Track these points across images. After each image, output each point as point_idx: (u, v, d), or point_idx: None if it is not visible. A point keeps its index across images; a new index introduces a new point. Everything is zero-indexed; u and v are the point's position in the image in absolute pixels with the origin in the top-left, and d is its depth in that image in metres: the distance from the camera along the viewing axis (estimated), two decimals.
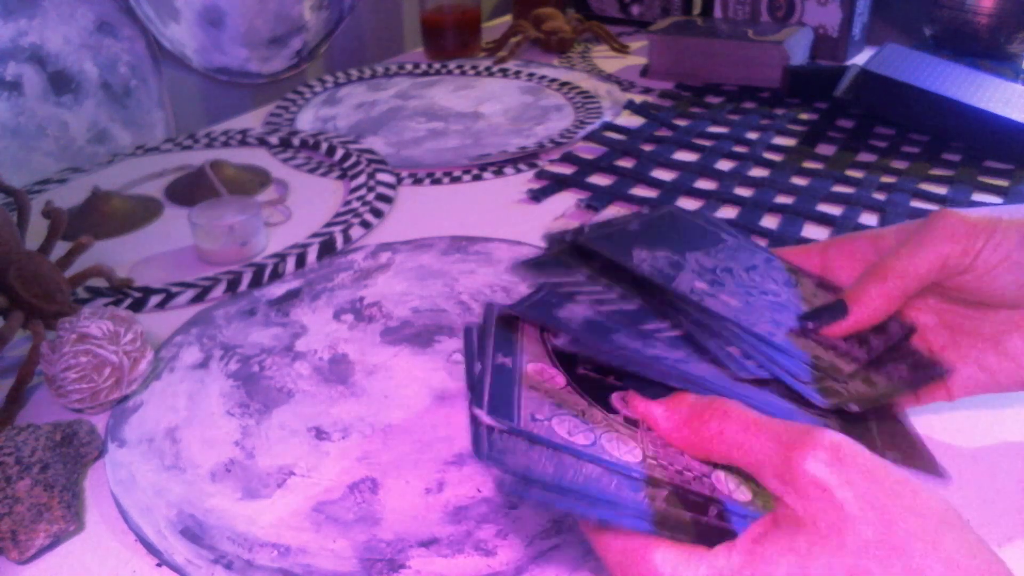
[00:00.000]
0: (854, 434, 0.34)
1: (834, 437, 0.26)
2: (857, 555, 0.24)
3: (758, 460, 0.27)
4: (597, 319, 0.35)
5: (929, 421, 0.43)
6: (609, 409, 0.32)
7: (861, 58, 0.99)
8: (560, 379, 0.33)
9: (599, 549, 0.29)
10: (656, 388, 0.33)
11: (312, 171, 0.76)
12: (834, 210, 0.65)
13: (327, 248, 0.61)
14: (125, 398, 0.46)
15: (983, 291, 0.37)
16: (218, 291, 0.56)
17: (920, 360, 0.39)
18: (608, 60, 1.07)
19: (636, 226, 0.41)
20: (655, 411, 0.31)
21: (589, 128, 0.81)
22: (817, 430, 0.26)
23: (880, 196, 0.67)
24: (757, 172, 0.73)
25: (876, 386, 0.36)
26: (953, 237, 0.36)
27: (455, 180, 0.73)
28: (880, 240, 0.39)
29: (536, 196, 0.69)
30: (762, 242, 0.60)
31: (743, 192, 0.69)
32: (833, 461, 0.25)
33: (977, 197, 0.67)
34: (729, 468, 0.30)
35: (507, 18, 1.29)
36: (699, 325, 0.36)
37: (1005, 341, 0.37)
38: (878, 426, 0.37)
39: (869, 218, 0.64)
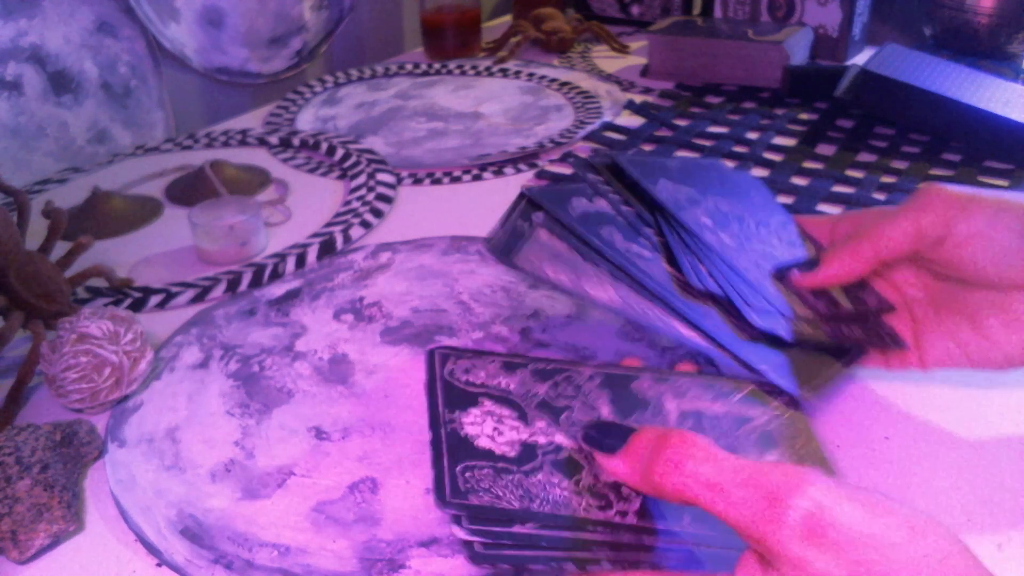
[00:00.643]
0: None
1: (815, 498, 0.24)
2: None
3: (733, 516, 0.25)
4: (604, 211, 0.39)
5: (930, 413, 0.43)
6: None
7: (861, 58, 0.99)
8: None
9: None
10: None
11: (312, 171, 0.76)
12: (834, 210, 0.65)
13: (327, 248, 0.61)
14: (125, 398, 0.46)
15: (960, 265, 0.38)
16: (218, 291, 0.56)
17: (880, 330, 0.40)
18: (608, 60, 1.07)
19: (674, 163, 0.44)
20: (616, 466, 0.29)
21: (589, 128, 0.81)
22: (795, 484, 0.24)
23: (880, 196, 0.67)
24: (757, 172, 0.72)
25: (821, 332, 0.38)
26: (929, 207, 0.37)
27: (455, 180, 0.73)
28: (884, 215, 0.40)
29: None
30: None
31: None
32: (812, 534, 0.24)
33: None
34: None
35: (507, 18, 1.29)
36: (683, 243, 0.38)
37: (982, 319, 0.38)
38: (790, 433, 0.36)
39: None
